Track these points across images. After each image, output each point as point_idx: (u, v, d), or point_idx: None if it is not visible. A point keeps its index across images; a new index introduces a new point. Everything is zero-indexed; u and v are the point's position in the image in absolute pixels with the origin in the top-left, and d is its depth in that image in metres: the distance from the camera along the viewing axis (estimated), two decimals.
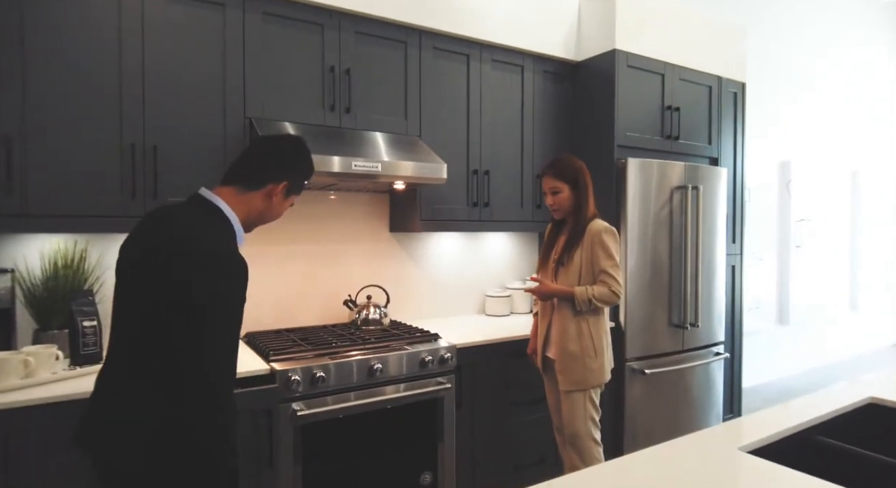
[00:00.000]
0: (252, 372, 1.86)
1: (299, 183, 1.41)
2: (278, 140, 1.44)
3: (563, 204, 2.12)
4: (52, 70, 1.79)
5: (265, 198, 1.33)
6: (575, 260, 2.08)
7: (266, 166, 1.34)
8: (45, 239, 2.02)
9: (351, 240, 2.68)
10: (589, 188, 2.12)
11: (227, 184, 1.32)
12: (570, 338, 2.07)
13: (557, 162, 2.15)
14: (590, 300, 2.01)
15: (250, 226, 1.36)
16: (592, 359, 2.06)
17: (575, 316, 2.07)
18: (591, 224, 2.07)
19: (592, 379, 2.07)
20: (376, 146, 2.25)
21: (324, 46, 2.26)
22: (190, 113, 2.01)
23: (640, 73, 2.88)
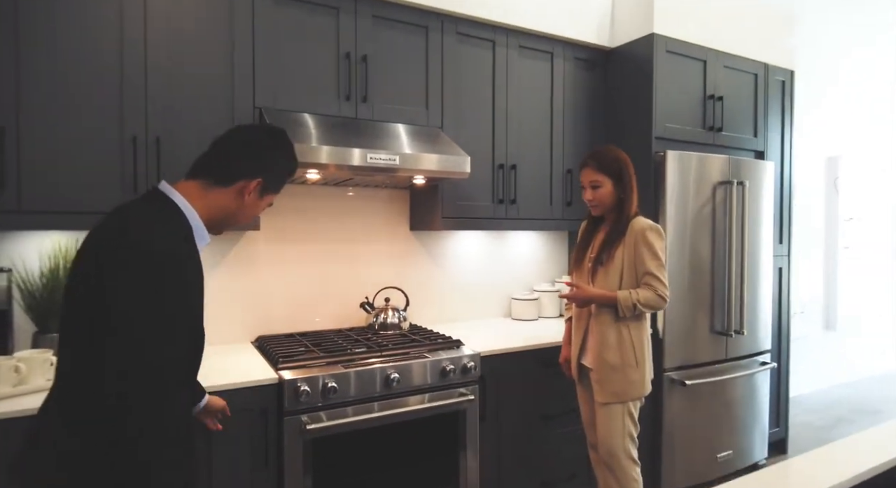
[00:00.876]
0: (257, 381, 1.72)
1: (277, 181, 1.25)
2: (255, 130, 1.27)
3: (603, 199, 1.93)
4: (48, 58, 1.68)
5: (236, 197, 1.17)
6: (616, 259, 1.90)
7: (238, 160, 1.17)
8: (44, 237, 1.91)
9: (369, 239, 2.53)
10: (633, 183, 1.94)
11: (192, 178, 1.16)
12: (610, 347, 1.89)
13: (599, 153, 1.95)
14: (634, 305, 1.83)
15: (217, 227, 1.20)
16: (634, 369, 1.88)
17: (615, 322, 1.90)
18: (633, 221, 1.90)
19: (633, 392, 1.89)
20: (394, 138, 2.09)
21: (339, 32, 2.11)
22: (195, 103, 1.88)
23: (680, 59, 2.66)
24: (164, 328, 0.97)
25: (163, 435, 0.96)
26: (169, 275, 0.98)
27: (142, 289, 0.95)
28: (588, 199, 1.97)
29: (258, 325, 2.29)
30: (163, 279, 0.97)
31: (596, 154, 1.96)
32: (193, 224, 1.11)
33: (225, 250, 2.22)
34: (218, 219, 1.17)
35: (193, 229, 1.10)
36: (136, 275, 0.96)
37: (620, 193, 1.93)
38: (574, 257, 2.08)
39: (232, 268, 2.23)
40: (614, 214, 1.95)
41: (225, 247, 2.22)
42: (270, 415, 1.74)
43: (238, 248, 2.25)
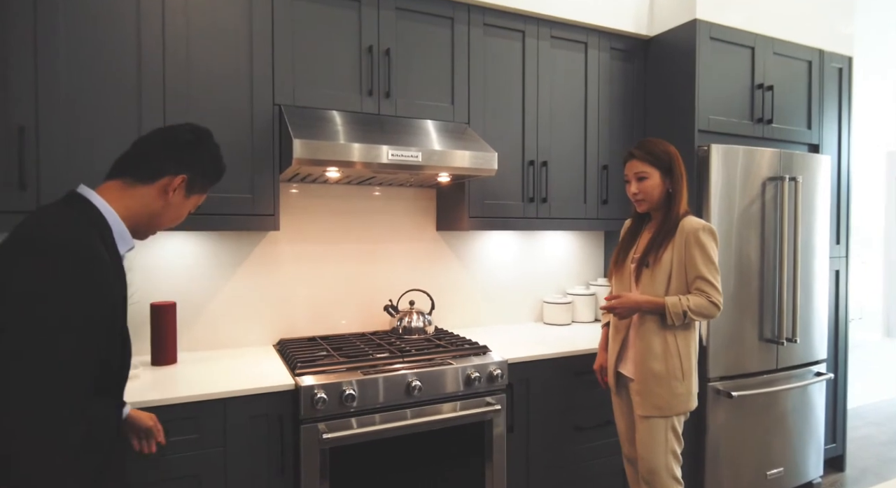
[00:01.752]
0: (273, 387, 1.66)
1: (204, 180, 1.20)
2: (178, 128, 1.20)
3: (650, 193, 1.78)
4: (67, 57, 1.66)
5: (160, 194, 1.12)
6: (664, 261, 1.75)
7: (160, 156, 1.12)
8: None
9: (394, 240, 2.45)
10: (683, 178, 1.79)
11: (112, 178, 1.10)
12: (655, 356, 1.75)
13: (647, 143, 1.81)
14: (685, 313, 1.68)
15: (144, 229, 1.14)
16: (679, 381, 1.74)
17: (661, 329, 1.75)
18: (684, 220, 1.75)
19: (677, 406, 1.74)
20: (417, 134, 2.01)
21: (360, 25, 2.04)
22: (214, 101, 1.84)
23: (726, 46, 2.48)
24: (58, 332, 0.86)
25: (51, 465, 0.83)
26: (72, 273, 0.89)
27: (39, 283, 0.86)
28: (632, 193, 1.81)
29: (281, 328, 2.24)
30: (65, 278, 0.88)
31: (643, 144, 1.81)
32: (114, 227, 1.04)
33: (246, 251, 2.18)
34: (142, 221, 1.11)
35: (114, 232, 1.04)
36: (34, 269, 0.87)
37: (669, 188, 1.78)
38: (615, 258, 1.92)
39: (253, 270, 2.19)
40: (662, 212, 1.81)
41: (246, 248, 2.18)
42: (286, 423, 1.67)
43: (260, 249, 2.20)
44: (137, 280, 2.00)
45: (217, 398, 1.60)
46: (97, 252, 0.94)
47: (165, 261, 2.05)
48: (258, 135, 1.89)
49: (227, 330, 2.15)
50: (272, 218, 1.92)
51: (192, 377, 1.74)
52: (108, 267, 0.96)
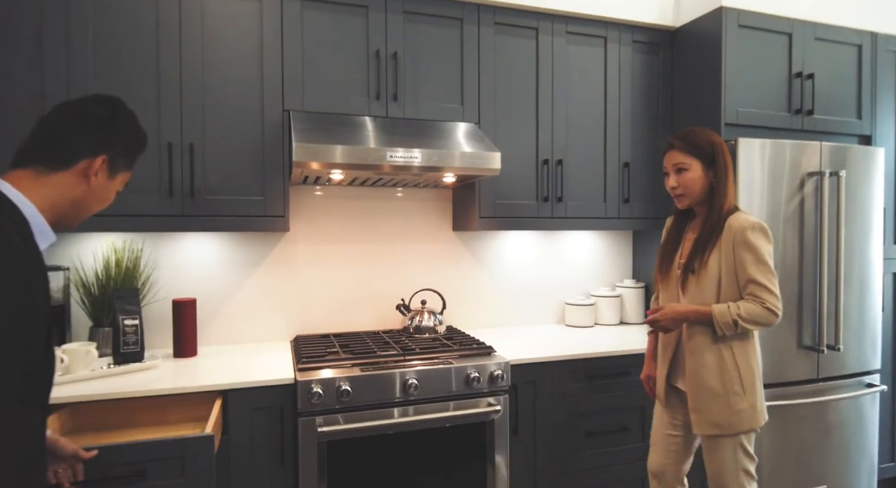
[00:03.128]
0: (275, 380, 1.73)
1: (127, 156, 1.08)
2: (84, 100, 1.05)
3: (690, 186, 1.64)
4: (95, 69, 1.81)
5: (80, 180, 1.00)
6: (710, 266, 1.60)
7: (72, 137, 1.00)
8: (98, 238, 2.08)
9: (411, 240, 2.49)
10: (728, 170, 1.63)
11: (21, 166, 0.97)
12: (708, 371, 1.61)
13: (688, 133, 1.67)
14: (735, 322, 1.54)
15: (68, 219, 1.03)
16: (739, 397, 1.59)
17: (714, 342, 1.61)
18: (731, 218, 1.60)
19: (740, 424, 1.59)
20: (421, 136, 2.03)
21: (368, 30, 2.09)
22: (226, 108, 1.94)
23: (758, 34, 2.33)
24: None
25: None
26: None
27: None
28: (671, 186, 1.67)
29: (298, 325, 2.33)
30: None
31: (683, 134, 1.67)
32: (32, 221, 0.93)
33: (265, 251, 2.28)
34: (65, 211, 1.01)
35: (32, 226, 0.93)
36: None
37: (712, 181, 1.63)
38: (659, 262, 1.77)
39: (272, 269, 2.29)
40: (705, 208, 1.66)
41: (265, 247, 2.28)
42: (287, 415, 1.74)
43: (278, 249, 2.30)
44: (161, 277, 2.15)
45: (221, 389, 1.69)
46: (17, 247, 0.86)
47: (188, 260, 2.19)
48: (268, 140, 1.98)
49: (247, 326, 2.27)
50: (282, 219, 2.00)
51: (207, 369, 1.84)
52: (26, 265, 0.87)
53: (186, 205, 1.90)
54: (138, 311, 1.90)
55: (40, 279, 0.91)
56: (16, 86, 1.73)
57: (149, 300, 2.12)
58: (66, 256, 2.04)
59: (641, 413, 2.19)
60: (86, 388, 1.61)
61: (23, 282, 0.85)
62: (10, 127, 1.73)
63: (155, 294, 2.14)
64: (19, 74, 1.74)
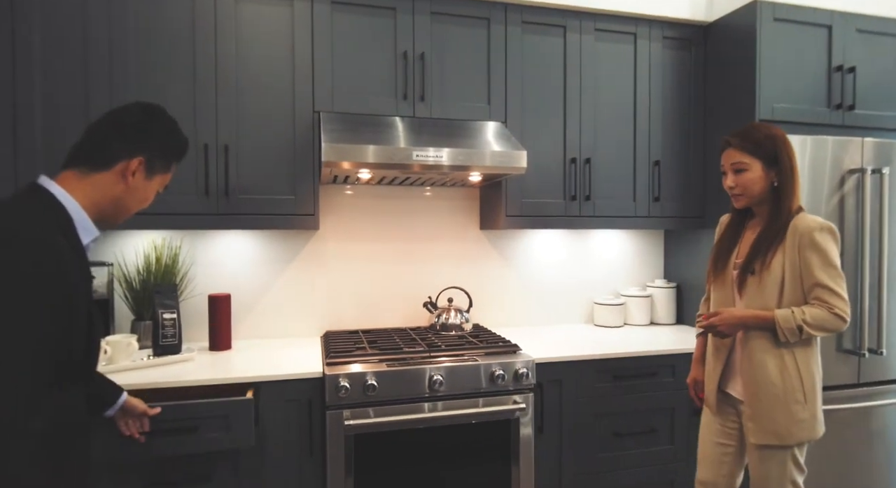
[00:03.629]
0: (305, 374, 1.78)
1: (163, 158, 1.16)
2: (125, 108, 1.14)
3: (749, 187, 1.56)
4: (137, 74, 1.90)
5: (118, 180, 1.08)
6: (773, 267, 1.52)
7: (112, 141, 1.08)
8: (139, 235, 2.18)
9: (439, 238, 2.52)
10: (794, 168, 1.55)
11: (69, 168, 1.07)
12: (769, 377, 1.53)
13: (746, 130, 1.59)
14: (800, 328, 1.47)
15: (110, 217, 1.11)
16: (801, 405, 1.51)
17: (776, 346, 1.53)
18: (797, 219, 1.52)
19: (800, 433, 1.51)
20: (446, 135, 2.05)
21: (396, 31, 2.12)
22: (259, 110, 2.01)
23: (796, 27, 2.26)
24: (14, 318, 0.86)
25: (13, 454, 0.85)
26: (24, 262, 0.88)
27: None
28: (728, 186, 1.60)
29: (328, 321, 2.39)
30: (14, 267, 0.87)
31: (741, 131, 1.59)
32: (76, 217, 1.02)
33: (296, 248, 2.35)
34: (107, 209, 1.09)
35: (76, 222, 1.02)
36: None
37: (774, 180, 1.55)
38: (712, 262, 1.69)
39: (303, 266, 2.35)
40: (768, 208, 1.58)
41: (296, 245, 2.35)
42: (315, 408, 1.79)
43: (309, 247, 2.36)
44: (198, 274, 2.24)
45: (254, 381, 1.75)
46: (53, 242, 0.92)
47: (223, 257, 2.27)
48: (299, 141, 2.04)
49: (279, 321, 2.33)
50: (312, 217, 2.05)
51: (241, 362, 1.91)
52: (65, 257, 0.93)
53: (221, 204, 1.97)
54: (176, 306, 1.98)
55: (80, 272, 0.98)
56: (64, 93, 1.84)
57: (186, 295, 2.21)
58: (110, 252, 2.15)
59: (671, 415, 2.15)
60: (127, 378, 1.70)
61: (59, 277, 0.91)
62: (62, 131, 1.83)
63: (192, 289, 2.22)
64: (67, 82, 1.84)
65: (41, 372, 0.89)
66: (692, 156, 2.49)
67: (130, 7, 1.88)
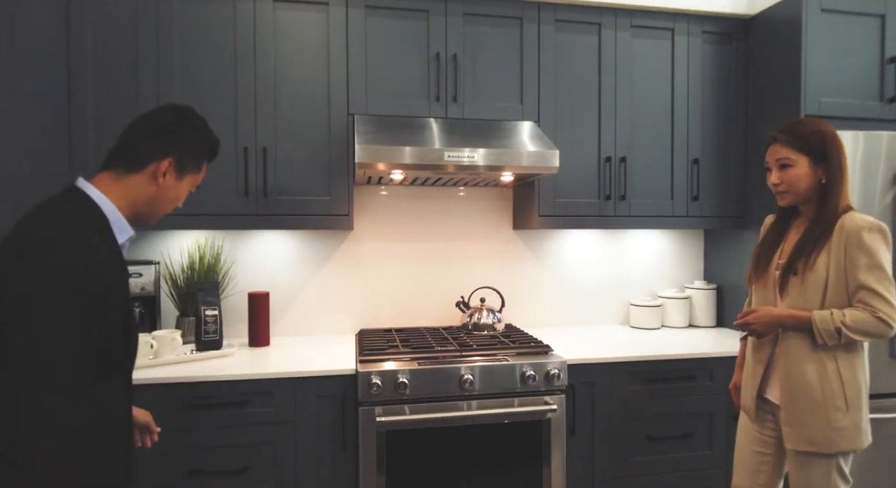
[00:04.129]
0: (338, 371, 1.83)
1: (194, 159, 1.18)
2: (157, 110, 1.17)
3: (795, 184, 1.50)
4: (181, 80, 1.98)
5: (150, 181, 1.12)
6: (818, 268, 1.45)
7: (143, 143, 1.12)
8: (183, 235, 2.27)
9: (472, 238, 2.53)
10: (843, 165, 1.48)
11: (105, 169, 1.11)
12: (808, 381, 1.47)
13: (793, 125, 1.52)
14: (839, 330, 1.40)
15: (144, 216, 1.15)
16: (842, 413, 1.44)
17: (815, 350, 1.47)
18: (845, 217, 1.45)
19: (840, 442, 1.44)
20: (479, 135, 2.06)
21: (429, 33, 2.14)
22: (296, 114, 2.06)
23: (845, 18, 2.16)
24: (56, 317, 0.91)
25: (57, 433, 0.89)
26: (65, 267, 0.93)
27: (34, 276, 0.91)
28: (773, 183, 1.53)
29: (362, 319, 2.44)
30: (52, 266, 0.92)
31: (788, 126, 1.52)
32: (111, 217, 1.07)
33: (332, 249, 2.40)
34: (141, 208, 1.13)
35: (111, 222, 1.07)
36: (29, 262, 0.92)
37: (822, 178, 1.48)
38: (754, 262, 1.64)
39: (338, 266, 2.41)
40: (814, 206, 1.51)
41: (332, 245, 2.40)
42: (348, 404, 1.83)
43: (345, 246, 2.41)
44: (239, 272, 2.32)
45: (289, 377, 1.80)
46: (89, 243, 0.96)
47: (262, 256, 2.34)
48: (334, 143, 2.09)
49: (316, 319, 2.39)
50: (346, 218, 2.10)
51: (279, 357, 1.97)
52: (100, 257, 0.97)
53: (260, 205, 2.04)
54: (218, 303, 2.06)
55: (116, 270, 1.03)
56: (115, 98, 1.94)
57: (227, 293, 2.30)
58: (157, 251, 2.25)
59: (709, 420, 2.10)
60: (172, 371, 1.78)
61: (96, 277, 0.96)
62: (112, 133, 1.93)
63: (233, 287, 2.31)
64: (117, 87, 1.94)
65: (83, 368, 0.94)
66: (733, 154, 2.42)
67: (176, 15, 1.97)
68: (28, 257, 0.92)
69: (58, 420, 0.89)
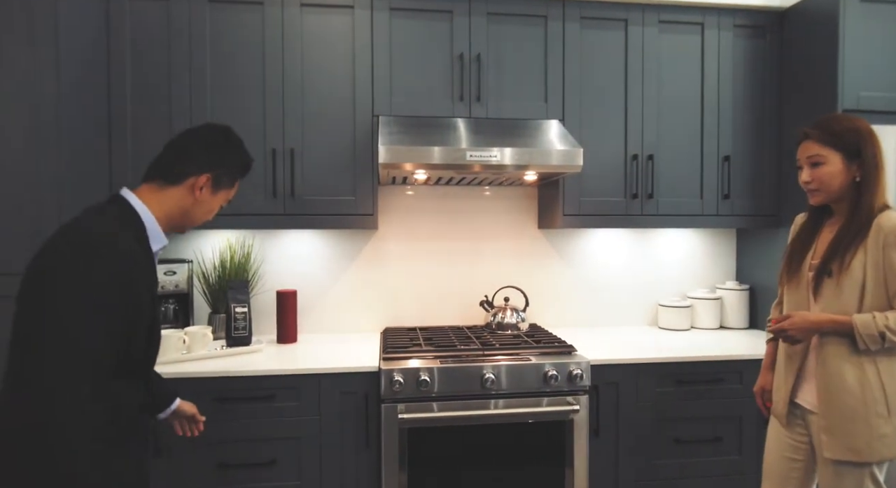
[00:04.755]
0: (362, 368, 1.86)
1: (229, 175, 1.27)
2: (199, 129, 1.27)
3: (827, 182, 1.45)
4: (212, 87, 2.05)
5: (187, 194, 1.21)
6: (854, 269, 1.41)
7: (184, 158, 1.21)
8: (214, 234, 2.35)
9: (497, 238, 2.53)
10: (879, 163, 1.43)
11: (147, 181, 1.21)
12: (848, 388, 1.42)
13: (826, 121, 1.48)
14: (882, 334, 1.36)
15: (177, 225, 1.25)
16: (884, 420, 1.39)
17: (855, 354, 1.42)
18: (882, 216, 1.40)
19: (883, 450, 1.40)
20: (502, 135, 2.05)
21: (452, 33, 2.15)
22: (322, 116, 2.11)
23: (887, 8, 2.07)
24: (86, 313, 0.98)
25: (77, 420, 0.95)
26: (102, 263, 1.00)
27: (69, 272, 0.99)
28: (804, 181, 1.49)
29: (388, 318, 2.47)
30: (93, 266, 0.99)
31: (821, 122, 1.48)
32: (148, 226, 1.15)
33: (358, 247, 2.44)
34: (176, 218, 1.22)
35: (148, 231, 1.15)
36: (75, 261, 1.00)
37: (857, 176, 1.43)
38: (786, 263, 1.59)
39: (364, 265, 2.44)
40: (848, 205, 1.46)
41: (358, 244, 2.44)
42: (371, 400, 1.86)
43: (370, 246, 2.45)
44: (268, 271, 2.38)
45: (313, 373, 1.85)
46: (130, 248, 1.05)
47: (290, 255, 2.40)
48: (359, 144, 2.12)
49: (341, 317, 2.44)
50: (371, 217, 2.13)
51: (305, 354, 2.02)
52: (139, 265, 1.05)
53: (288, 205, 2.09)
54: (247, 301, 2.12)
55: (147, 274, 1.11)
56: (149, 110, 2.02)
57: (257, 291, 2.36)
58: (190, 250, 2.33)
59: (738, 423, 2.05)
60: (203, 366, 1.84)
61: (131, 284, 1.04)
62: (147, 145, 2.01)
63: (262, 285, 2.37)
64: (152, 98, 2.02)
65: (105, 364, 1.01)
66: (766, 151, 2.35)
67: (208, 22, 2.04)
68: (74, 256, 1.00)
69: (76, 409, 0.96)
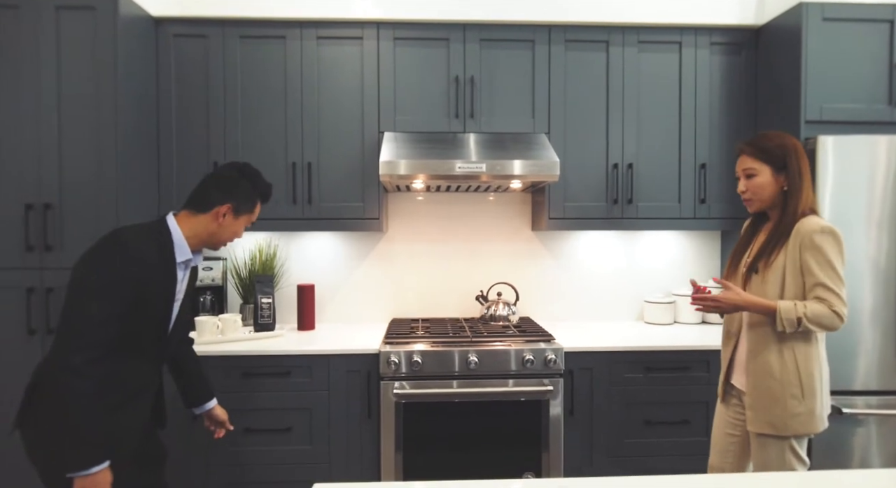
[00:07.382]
0: (366, 350, 2.17)
1: (247, 204, 1.56)
2: (223, 168, 1.59)
3: (758, 192, 1.65)
4: (243, 114, 2.41)
5: (214, 220, 1.51)
6: (775, 267, 1.61)
7: (210, 192, 1.51)
8: (247, 236, 2.71)
9: (494, 239, 2.80)
10: (803, 175, 1.62)
11: (185, 208, 1.53)
12: (768, 369, 1.61)
13: (758, 137, 1.68)
14: (799, 320, 1.53)
15: (208, 245, 1.55)
16: (798, 400, 1.58)
17: (777, 340, 1.60)
18: (802, 221, 1.58)
19: (796, 426, 1.59)
20: (489, 148, 2.33)
21: (449, 58, 2.44)
22: (335, 133, 2.43)
23: (851, 25, 2.23)
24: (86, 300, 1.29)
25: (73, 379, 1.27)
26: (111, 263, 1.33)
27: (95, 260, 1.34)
28: (740, 191, 1.70)
29: (395, 310, 2.78)
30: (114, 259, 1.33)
31: (753, 139, 1.68)
32: (176, 241, 1.46)
33: (369, 247, 2.76)
34: (205, 239, 1.53)
35: (175, 245, 1.46)
36: (96, 251, 1.36)
37: (784, 186, 1.63)
38: (729, 261, 1.80)
39: (374, 263, 2.76)
40: (778, 212, 1.67)
41: (369, 245, 2.76)
42: (372, 378, 2.17)
43: (380, 246, 2.76)
44: (291, 268, 2.73)
45: (323, 354, 2.17)
46: (139, 254, 1.37)
47: (309, 254, 2.74)
48: (367, 157, 2.44)
49: (354, 308, 2.76)
50: (377, 221, 2.44)
51: (321, 339, 2.35)
52: (144, 265, 1.37)
53: (306, 210, 2.43)
54: (272, 293, 2.46)
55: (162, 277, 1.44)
56: (190, 142, 2.39)
57: (281, 284, 2.71)
58: (225, 250, 2.70)
59: (705, 408, 2.25)
60: (234, 347, 2.19)
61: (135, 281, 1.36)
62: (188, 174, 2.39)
63: (286, 280, 2.72)
64: (193, 122, 2.39)
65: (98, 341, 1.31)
66: None
67: (238, 55, 2.40)
68: (94, 256, 1.36)
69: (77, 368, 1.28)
